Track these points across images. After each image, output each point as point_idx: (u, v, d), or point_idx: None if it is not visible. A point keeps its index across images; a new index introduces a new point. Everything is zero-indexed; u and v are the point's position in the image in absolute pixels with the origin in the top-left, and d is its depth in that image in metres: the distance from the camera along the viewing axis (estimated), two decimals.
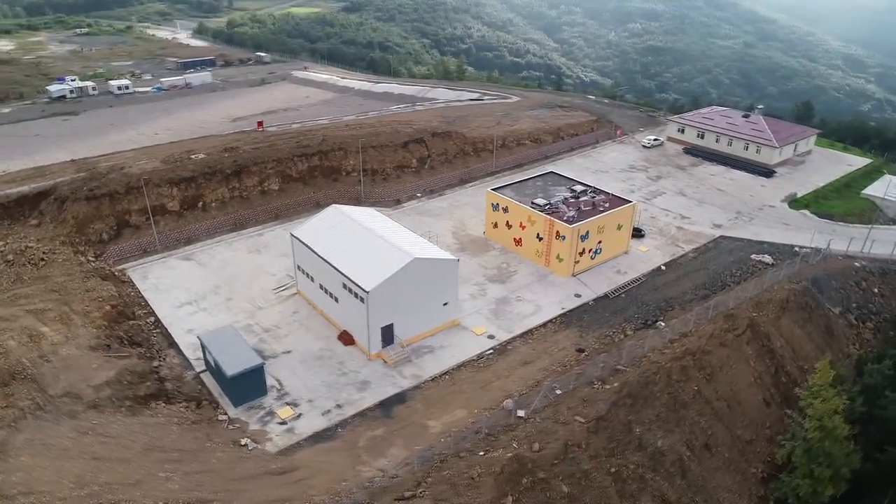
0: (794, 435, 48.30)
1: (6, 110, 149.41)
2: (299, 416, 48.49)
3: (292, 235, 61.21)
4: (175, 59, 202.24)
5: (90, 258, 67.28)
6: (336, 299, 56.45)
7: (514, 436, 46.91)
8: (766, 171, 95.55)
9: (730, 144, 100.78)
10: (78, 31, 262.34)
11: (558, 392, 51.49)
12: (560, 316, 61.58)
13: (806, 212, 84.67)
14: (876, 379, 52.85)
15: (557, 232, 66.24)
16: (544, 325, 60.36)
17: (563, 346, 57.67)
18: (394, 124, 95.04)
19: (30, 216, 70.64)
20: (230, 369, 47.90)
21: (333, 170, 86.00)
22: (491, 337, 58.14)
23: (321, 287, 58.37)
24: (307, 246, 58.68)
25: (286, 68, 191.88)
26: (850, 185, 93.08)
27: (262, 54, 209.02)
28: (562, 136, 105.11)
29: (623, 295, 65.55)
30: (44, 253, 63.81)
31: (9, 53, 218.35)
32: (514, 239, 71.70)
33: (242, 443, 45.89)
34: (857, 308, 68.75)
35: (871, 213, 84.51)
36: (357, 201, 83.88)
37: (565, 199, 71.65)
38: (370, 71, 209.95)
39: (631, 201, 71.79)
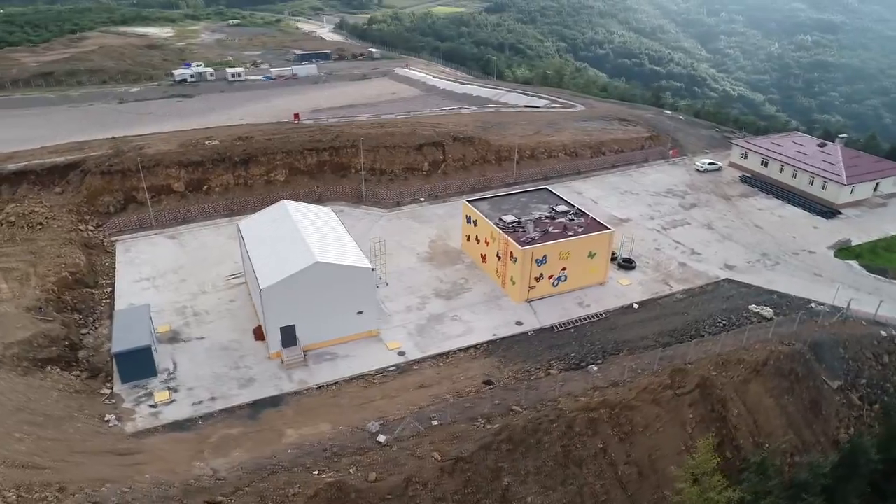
0: None
1: (135, 89, 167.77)
2: (172, 401, 49.61)
3: (238, 226, 62.75)
4: (298, 51, 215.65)
5: (90, 228, 73.76)
6: (253, 294, 57.07)
7: (357, 460, 44.53)
8: (828, 211, 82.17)
9: (794, 176, 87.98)
10: (231, 22, 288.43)
11: (435, 423, 48.04)
12: (488, 342, 57.43)
13: (853, 263, 71.67)
14: (807, 477, 43.37)
15: (511, 253, 61.80)
16: (466, 349, 56.64)
17: (473, 374, 53.70)
18: (416, 125, 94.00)
19: (57, 185, 78.64)
20: (116, 346, 50.30)
21: (343, 166, 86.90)
22: (401, 354, 55.65)
23: (249, 280, 59.30)
24: (242, 237, 59.86)
25: (391, 65, 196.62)
26: None
27: (374, 50, 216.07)
28: (603, 151, 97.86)
29: (572, 330, 59.69)
30: (45, 218, 70.89)
31: (166, 40, 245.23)
32: (481, 255, 68.07)
33: (106, 418, 47.86)
34: (866, 386, 57.31)
35: None
36: (358, 200, 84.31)
37: (538, 218, 66.61)
38: (481, 72, 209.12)
39: (609, 228, 65.10)
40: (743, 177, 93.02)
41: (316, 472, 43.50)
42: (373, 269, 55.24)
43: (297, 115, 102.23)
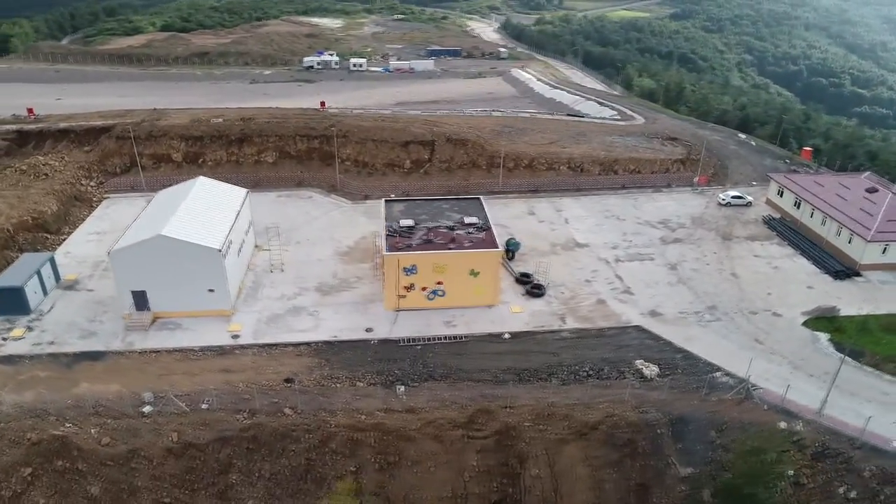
0: None
1: (267, 72, 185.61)
2: (22, 339, 55.69)
3: (157, 194, 67.93)
4: (437, 47, 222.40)
5: (92, 184, 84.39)
6: None
7: (107, 423, 46.92)
8: (843, 271, 66.56)
9: (823, 224, 72.46)
10: (396, 16, 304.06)
11: (203, 406, 48.57)
12: (324, 343, 56.09)
13: (823, 336, 57.55)
14: None
15: (383, 258, 59.43)
16: (298, 345, 55.88)
17: (283, 371, 52.81)
18: (412, 123, 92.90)
19: (89, 144, 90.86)
20: None
21: (330, 155, 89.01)
22: (235, 337, 56.58)
23: None
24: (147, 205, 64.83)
25: (512, 65, 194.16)
26: None
27: (502, 50, 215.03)
28: (615, 169, 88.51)
29: (418, 347, 55.87)
30: (54, 171, 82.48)
31: (331, 30, 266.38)
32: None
33: None
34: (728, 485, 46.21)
35: None
36: (333, 189, 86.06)
37: (435, 227, 62.95)
38: (616, 78, 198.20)
39: (498, 248, 59.48)
40: (767, 217, 78.55)
41: (68, 425, 46.53)
42: (219, 250, 56.60)
43: (323, 104, 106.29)
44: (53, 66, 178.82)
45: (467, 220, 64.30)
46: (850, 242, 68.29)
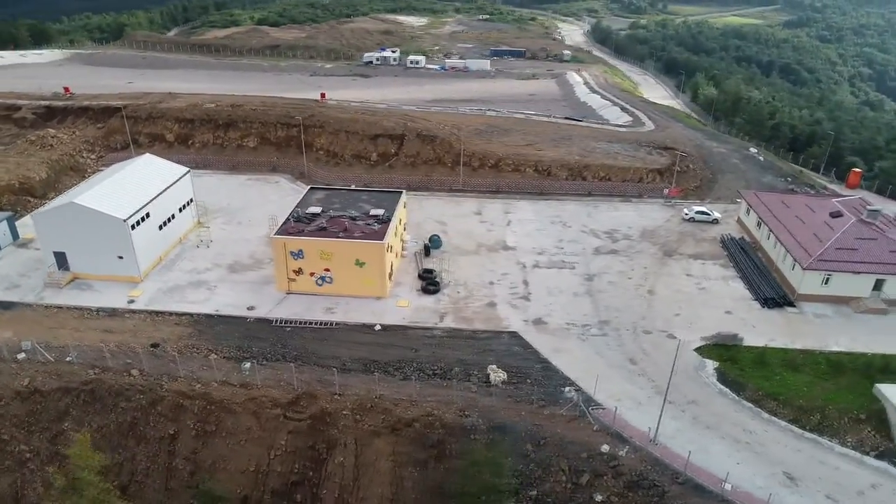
0: None
1: (328, 66, 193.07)
2: None
3: (109, 167, 73.95)
4: (506, 48, 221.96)
5: (92, 157, 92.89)
6: None
7: None
8: (774, 299, 60.61)
9: (775, 247, 66.33)
10: (481, 16, 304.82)
11: (67, 359, 52.86)
12: (205, 315, 59.03)
13: (711, 365, 52.89)
14: None
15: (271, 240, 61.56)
16: (182, 314, 59.14)
17: (155, 336, 56.10)
18: (384, 116, 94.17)
19: (102, 122, 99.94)
20: None
21: (306, 143, 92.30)
22: (131, 302, 60.78)
23: None
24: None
25: (570, 68, 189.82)
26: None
27: (566, 52, 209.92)
28: (584, 175, 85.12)
29: (288, 329, 57.39)
30: (59, 143, 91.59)
31: (411, 28, 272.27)
32: None
33: None
34: (536, 500, 44.25)
35: (856, 424, 47.68)
36: (301, 176, 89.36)
37: (338, 216, 64.07)
38: (683, 83, 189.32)
39: (382, 241, 59.56)
40: (727, 236, 72.71)
41: None
42: (124, 221, 60.95)
43: (323, 95, 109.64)
44: (142, 54, 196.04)
45: (373, 212, 64.93)
46: (792, 269, 62.08)
